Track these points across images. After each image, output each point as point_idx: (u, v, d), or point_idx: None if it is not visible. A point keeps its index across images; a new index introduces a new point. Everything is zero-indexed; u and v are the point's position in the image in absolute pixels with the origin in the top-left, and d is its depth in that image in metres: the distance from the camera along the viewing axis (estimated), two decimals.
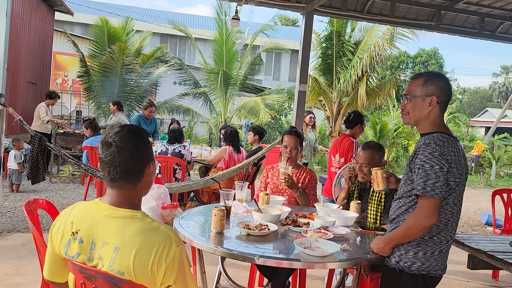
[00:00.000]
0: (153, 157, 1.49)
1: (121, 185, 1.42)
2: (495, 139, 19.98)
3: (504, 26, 6.38)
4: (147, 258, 1.31)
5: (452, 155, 1.85)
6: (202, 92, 13.05)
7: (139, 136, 1.45)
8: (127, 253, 1.31)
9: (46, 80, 12.43)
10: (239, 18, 6.40)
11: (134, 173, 1.42)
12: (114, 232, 1.34)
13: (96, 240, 1.36)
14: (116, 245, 1.32)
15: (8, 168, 6.50)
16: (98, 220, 1.38)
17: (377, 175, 2.38)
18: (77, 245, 1.38)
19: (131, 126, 1.48)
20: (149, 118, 6.78)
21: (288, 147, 3.24)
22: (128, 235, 1.33)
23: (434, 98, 1.91)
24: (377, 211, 2.78)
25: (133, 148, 1.41)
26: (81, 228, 1.39)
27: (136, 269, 1.30)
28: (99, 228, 1.37)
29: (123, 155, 1.39)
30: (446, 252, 1.95)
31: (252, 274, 3.25)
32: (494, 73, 44.23)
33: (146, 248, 1.31)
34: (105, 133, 1.45)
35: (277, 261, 1.92)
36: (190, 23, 21.55)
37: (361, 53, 11.64)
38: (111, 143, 1.40)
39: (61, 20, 16.28)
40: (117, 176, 1.40)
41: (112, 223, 1.37)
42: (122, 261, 1.31)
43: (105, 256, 1.33)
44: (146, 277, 1.31)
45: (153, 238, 1.33)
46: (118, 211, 1.39)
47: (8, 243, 4.20)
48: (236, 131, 5.80)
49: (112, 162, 1.40)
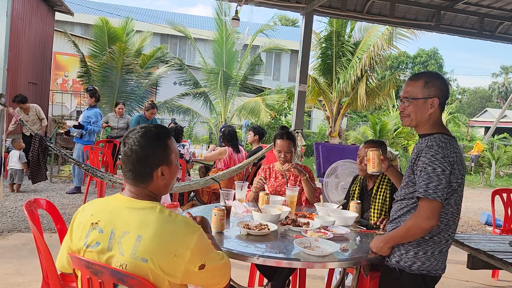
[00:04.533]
0: (168, 161, 1.50)
1: (134, 183, 1.48)
2: (495, 139, 19.98)
3: (504, 26, 6.39)
4: (171, 245, 1.36)
5: (454, 156, 1.85)
6: (202, 92, 13.06)
7: (151, 140, 1.46)
8: (150, 241, 1.35)
9: (47, 80, 12.44)
10: (239, 19, 6.41)
11: (142, 175, 1.46)
12: (136, 222, 1.39)
13: (115, 230, 1.40)
14: (139, 234, 1.37)
15: (11, 168, 6.49)
16: (118, 211, 1.44)
17: (373, 156, 2.35)
18: (97, 235, 1.42)
19: (148, 129, 1.49)
20: (150, 119, 6.81)
21: (282, 152, 3.15)
22: (150, 225, 1.38)
23: (436, 100, 1.90)
24: (381, 210, 2.78)
25: (142, 152, 1.44)
26: (101, 219, 1.44)
27: (160, 256, 1.35)
28: (119, 219, 1.42)
29: (131, 157, 1.45)
30: (446, 251, 1.96)
31: (252, 274, 3.25)
32: (493, 73, 44.31)
33: (168, 237, 1.37)
34: (127, 132, 1.51)
35: (277, 260, 1.93)
36: (190, 23, 21.57)
37: (361, 53, 11.66)
38: (125, 143, 1.47)
39: (61, 20, 16.29)
40: (128, 175, 1.48)
41: (133, 214, 1.42)
42: (145, 249, 1.35)
43: (126, 244, 1.37)
44: (170, 263, 1.36)
45: (174, 227, 1.39)
46: (138, 203, 1.45)
47: (8, 243, 4.20)
48: (234, 131, 5.80)
49: (124, 161, 1.48)
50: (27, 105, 7.53)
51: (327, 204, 3.01)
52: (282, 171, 3.29)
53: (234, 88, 13.12)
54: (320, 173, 5.65)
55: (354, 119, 21.47)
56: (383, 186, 2.81)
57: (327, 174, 4.80)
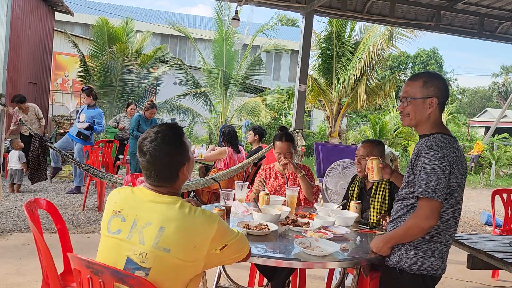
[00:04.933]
0: (188, 158, 1.59)
1: (158, 184, 1.55)
2: (495, 139, 19.99)
3: (504, 26, 6.39)
4: (193, 237, 1.46)
5: (453, 156, 1.85)
6: (202, 92, 13.05)
7: (172, 143, 1.54)
8: (173, 233, 1.44)
9: (47, 80, 12.43)
10: (239, 19, 6.41)
11: (169, 177, 1.56)
12: (159, 215, 1.47)
13: (138, 220, 1.49)
14: (161, 226, 1.45)
15: (10, 168, 6.49)
16: (142, 203, 1.52)
17: (372, 165, 2.35)
18: (119, 223, 1.51)
19: (165, 133, 1.54)
20: (149, 118, 6.81)
21: (282, 154, 3.18)
22: (172, 218, 1.47)
23: (435, 100, 1.91)
24: (381, 209, 2.78)
25: (166, 157, 1.53)
26: (124, 208, 1.53)
27: (182, 246, 1.45)
28: (143, 211, 1.50)
29: (156, 164, 1.52)
30: (446, 251, 1.96)
31: (252, 274, 3.25)
32: (493, 73, 44.29)
33: (190, 229, 1.46)
34: (142, 138, 1.56)
35: (277, 260, 1.93)
36: (190, 23, 21.57)
37: (361, 53, 11.66)
38: (145, 152, 1.52)
39: (61, 20, 16.29)
40: (153, 179, 1.55)
41: (156, 207, 1.50)
42: (168, 240, 1.44)
43: (148, 234, 1.45)
44: (192, 252, 1.46)
45: (195, 219, 1.48)
46: (161, 197, 1.53)
47: (8, 243, 4.20)
48: (234, 131, 5.80)
49: (148, 168, 1.54)
50: (26, 105, 7.53)
51: (327, 204, 3.01)
52: (282, 171, 3.29)
53: (234, 88, 13.12)
54: (320, 173, 5.65)
55: (354, 119, 21.48)
56: (382, 186, 2.82)
57: (327, 174, 4.80)
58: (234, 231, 1.62)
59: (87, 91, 6.61)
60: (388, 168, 2.42)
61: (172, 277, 1.46)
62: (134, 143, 6.63)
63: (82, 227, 4.93)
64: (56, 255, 2.00)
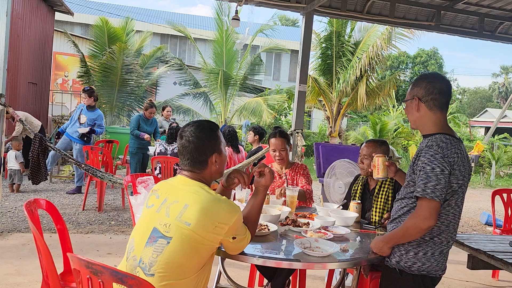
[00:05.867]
0: (219, 150, 1.81)
1: (191, 169, 1.78)
2: (495, 139, 19.98)
3: (504, 26, 6.39)
4: (214, 217, 1.63)
5: (455, 157, 1.84)
6: (202, 92, 13.06)
7: (205, 131, 1.78)
8: (196, 210, 1.62)
9: (47, 80, 12.43)
10: (239, 19, 6.41)
11: (198, 162, 1.77)
12: (186, 196, 1.69)
13: (168, 198, 1.71)
14: (186, 203, 1.65)
15: (9, 169, 6.49)
16: (175, 186, 1.77)
17: (378, 162, 2.35)
18: (154, 199, 1.77)
19: (200, 122, 1.82)
20: (149, 118, 6.79)
21: (277, 151, 3.23)
22: (198, 199, 1.66)
23: (416, 99, 1.96)
24: (383, 210, 2.76)
25: (198, 141, 1.76)
26: (160, 188, 1.81)
27: (202, 223, 1.61)
28: (174, 191, 1.74)
29: (189, 147, 1.76)
30: (446, 252, 1.95)
31: (252, 274, 3.25)
32: (493, 73, 44.26)
33: (213, 211, 1.64)
34: (183, 126, 1.83)
35: (277, 261, 1.92)
36: (190, 23, 21.58)
37: (361, 53, 11.65)
38: (183, 136, 1.78)
39: (61, 20, 16.30)
40: (186, 163, 1.78)
41: (185, 189, 1.73)
42: (190, 215, 1.62)
43: (174, 209, 1.66)
44: (210, 231, 1.63)
45: (219, 204, 1.67)
46: (192, 183, 1.75)
47: (8, 243, 4.20)
48: (234, 131, 5.80)
49: (182, 151, 1.78)
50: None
51: (327, 204, 3.01)
52: (280, 171, 3.30)
53: (234, 88, 13.12)
54: (320, 173, 5.65)
55: (354, 119, 21.49)
56: (386, 186, 2.79)
57: (327, 174, 4.80)
58: (246, 230, 1.81)
59: (89, 91, 6.51)
60: (393, 167, 2.41)
61: (190, 253, 1.61)
62: (133, 143, 6.62)
63: (82, 227, 4.92)
64: (56, 255, 2.00)
